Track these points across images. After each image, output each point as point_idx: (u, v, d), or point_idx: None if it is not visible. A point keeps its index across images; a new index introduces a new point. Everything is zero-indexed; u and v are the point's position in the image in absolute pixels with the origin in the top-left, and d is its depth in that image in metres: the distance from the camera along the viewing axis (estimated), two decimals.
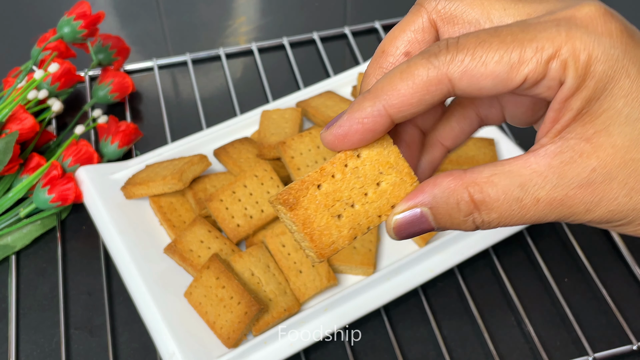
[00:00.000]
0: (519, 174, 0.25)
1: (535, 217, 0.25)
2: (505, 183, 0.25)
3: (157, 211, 0.54)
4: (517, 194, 0.25)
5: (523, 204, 0.25)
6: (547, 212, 0.25)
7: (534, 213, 0.25)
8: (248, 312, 0.46)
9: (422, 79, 0.25)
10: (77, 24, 0.61)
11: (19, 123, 0.56)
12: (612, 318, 0.51)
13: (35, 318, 0.51)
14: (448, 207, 0.26)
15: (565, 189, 0.25)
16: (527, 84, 0.24)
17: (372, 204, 0.27)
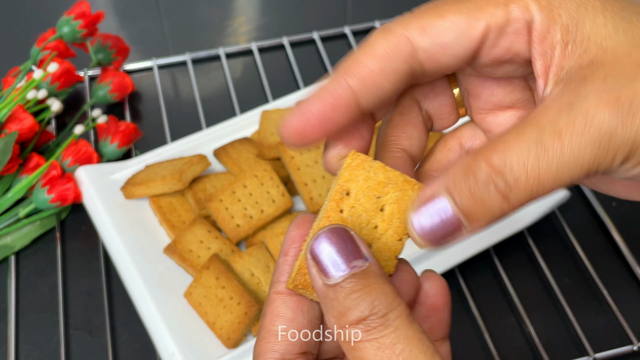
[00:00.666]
0: (530, 124, 0.22)
1: (565, 156, 0.21)
2: (518, 134, 0.22)
3: (156, 211, 0.54)
4: (534, 137, 0.21)
5: (544, 144, 0.21)
6: (577, 146, 0.21)
7: (561, 151, 0.21)
8: (248, 313, 0.46)
9: (382, 46, 0.23)
10: (77, 24, 0.61)
11: (18, 123, 0.56)
12: (612, 318, 0.51)
13: (34, 318, 0.51)
14: (466, 184, 0.22)
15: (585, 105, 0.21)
16: (492, 34, 0.23)
17: (387, 233, 0.25)
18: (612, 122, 0.21)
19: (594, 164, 0.21)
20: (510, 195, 0.22)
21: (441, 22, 0.23)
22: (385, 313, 0.22)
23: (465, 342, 0.50)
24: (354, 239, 0.23)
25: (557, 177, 0.21)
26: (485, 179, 0.22)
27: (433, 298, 0.27)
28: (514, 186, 0.21)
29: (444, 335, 0.28)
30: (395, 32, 0.23)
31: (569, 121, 0.21)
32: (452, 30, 0.23)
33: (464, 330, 0.50)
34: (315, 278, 0.23)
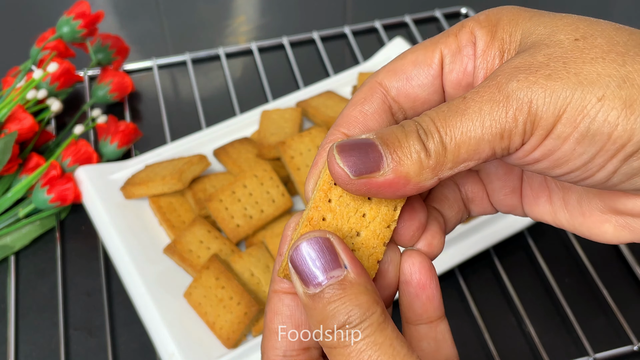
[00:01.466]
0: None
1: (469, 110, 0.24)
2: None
3: (156, 211, 0.54)
4: (448, 102, 0.25)
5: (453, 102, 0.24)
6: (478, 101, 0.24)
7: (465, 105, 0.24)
8: (248, 313, 0.46)
9: (359, 95, 0.27)
10: (76, 24, 0.61)
11: (18, 123, 0.56)
12: (612, 318, 0.51)
13: (34, 318, 0.51)
14: (392, 129, 0.24)
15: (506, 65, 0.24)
16: (447, 58, 0.27)
17: (375, 221, 0.26)
18: (509, 85, 0.24)
19: (497, 124, 0.23)
20: (428, 144, 0.24)
21: (402, 61, 0.27)
22: (358, 323, 0.23)
23: (465, 342, 0.50)
24: (333, 247, 0.24)
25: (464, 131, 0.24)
26: (410, 127, 0.24)
27: (417, 275, 0.27)
28: (430, 136, 0.24)
29: (439, 314, 0.28)
30: (368, 82, 0.28)
31: (476, 89, 0.24)
32: (411, 63, 0.27)
33: (464, 330, 0.50)
34: (297, 286, 0.24)
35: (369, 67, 0.66)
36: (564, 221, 0.30)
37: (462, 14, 0.77)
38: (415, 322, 0.28)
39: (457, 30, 0.27)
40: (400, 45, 0.67)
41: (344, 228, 0.25)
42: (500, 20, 0.26)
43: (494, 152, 0.24)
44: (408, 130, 0.24)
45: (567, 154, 0.24)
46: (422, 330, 0.28)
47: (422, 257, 0.28)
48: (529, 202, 0.31)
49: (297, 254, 0.24)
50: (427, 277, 0.27)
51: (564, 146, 0.24)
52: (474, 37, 0.27)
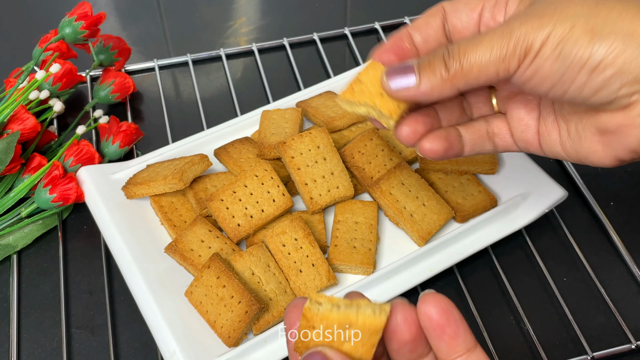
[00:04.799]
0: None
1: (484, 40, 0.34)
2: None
3: (157, 211, 0.54)
4: (472, 35, 0.37)
5: (474, 37, 0.35)
6: (490, 33, 0.34)
7: (481, 37, 0.34)
8: (248, 311, 0.47)
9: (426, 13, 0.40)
10: (79, 25, 0.61)
11: (20, 123, 0.56)
12: (610, 317, 0.51)
13: (36, 317, 0.52)
14: (429, 55, 0.36)
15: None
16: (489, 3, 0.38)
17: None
18: (514, 24, 0.33)
19: (501, 51, 0.33)
20: (449, 63, 0.35)
21: (459, 2, 0.39)
22: None
23: None
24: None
25: (477, 55, 0.34)
26: (439, 53, 0.35)
27: (435, 318, 0.29)
28: (451, 59, 0.34)
29: (468, 346, 0.29)
30: (434, 6, 0.40)
31: (493, 28, 0.34)
32: (463, 4, 0.39)
33: None
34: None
35: None
36: (570, 149, 0.38)
37: None
38: (447, 359, 0.29)
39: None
40: None
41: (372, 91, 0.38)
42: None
43: (497, 71, 0.34)
44: (437, 54, 0.35)
45: (547, 71, 0.33)
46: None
47: (436, 298, 0.29)
48: (545, 138, 0.39)
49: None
50: (444, 319, 0.29)
51: (545, 64, 0.33)
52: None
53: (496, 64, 0.33)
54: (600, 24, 0.31)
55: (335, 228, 0.53)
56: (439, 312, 0.29)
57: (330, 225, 0.54)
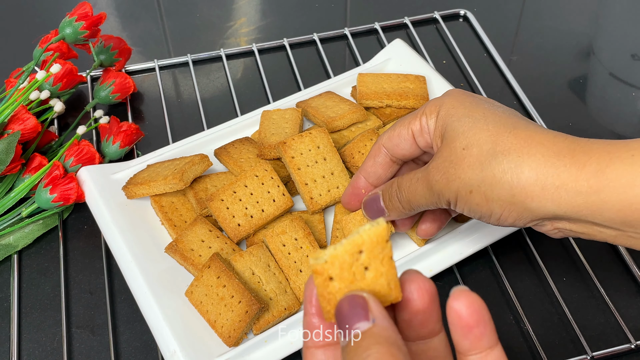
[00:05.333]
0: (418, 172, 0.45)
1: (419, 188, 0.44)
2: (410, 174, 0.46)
3: (158, 211, 0.54)
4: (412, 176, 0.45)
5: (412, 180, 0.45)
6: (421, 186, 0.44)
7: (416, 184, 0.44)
8: (249, 311, 0.47)
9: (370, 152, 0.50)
10: (79, 25, 0.61)
11: (21, 123, 0.56)
12: (610, 317, 0.51)
13: (37, 317, 0.52)
14: (388, 190, 0.47)
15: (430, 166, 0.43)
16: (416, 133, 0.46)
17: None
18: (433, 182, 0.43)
19: (431, 200, 0.44)
20: (400, 203, 0.46)
21: (393, 133, 0.47)
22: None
23: None
24: (365, 303, 0.27)
25: (416, 198, 0.45)
26: (393, 189, 0.47)
27: (465, 318, 0.29)
28: (401, 198, 0.46)
29: (490, 344, 0.29)
30: (376, 143, 0.49)
31: (424, 172, 0.44)
32: (397, 136, 0.47)
33: None
34: (339, 337, 0.28)
35: (369, 68, 0.66)
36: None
37: (460, 16, 0.77)
38: (466, 354, 0.29)
39: (420, 115, 0.45)
40: (399, 46, 0.67)
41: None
42: (439, 117, 0.44)
43: (435, 206, 0.44)
44: (392, 192, 0.47)
45: (468, 212, 0.42)
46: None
47: (470, 298, 0.29)
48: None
49: (339, 309, 0.28)
50: (474, 319, 0.29)
51: (464, 209, 0.42)
52: (427, 121, 0.45)
53: (431, 205, 0.44)
54: (489, 190, 0.40)
55: (335, 228, 0.53)
56: (470, 313, 0.28)
57: (330, 225, 0.54)
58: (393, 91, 0.61)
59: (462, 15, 0.77)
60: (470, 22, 0.76)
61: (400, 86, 0.62)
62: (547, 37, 0.76)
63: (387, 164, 0.48)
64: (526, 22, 0.79)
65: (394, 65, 0.66)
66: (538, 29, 0.77)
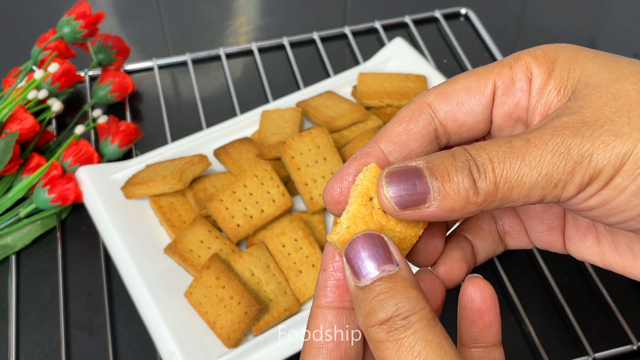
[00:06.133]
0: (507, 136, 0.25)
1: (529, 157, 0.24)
2: (494, 140, 0.25)
3: (157, 211, 0.54)
4: (507, 139, 0.25)
5: (513, 144, 0.24)
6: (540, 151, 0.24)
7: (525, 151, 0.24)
8: (248, 312, 0.46)
9: (405, 112, 0.27)
10: (77, 24, 0.61)
11: (19, 123, 0.56)
12: (612, 318, 0.51)
13: (35, 318, 0.52)
14: (444, 162, 0.24)
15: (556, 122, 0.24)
16: (500, 90, 0.27)
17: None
18: (574, 140, 0.24)
19: (555, 175, 0.24)
20: (479, 182, 0.24)
21: (454, 86, 0.27)
22: (407, 315, 0.23)
23: None
24: (386, 245, 0.24)
25: (519, 175, 0.24)
26: (462, 161, 0.24)
27: (478, 302, 0.28)
28: (483, 175, 0.24)
29: (495, 341, 0.28)
30: (415, 101, 0.27)
31: (539, 133, 0.24)
32: (464, 89, 0.27)
33: None
34: (349, 280, 0.25)
35: (369, 67, 0.66)
36: (614, 263, 0.30)
37: (461, 14, 0.77)
38: (470, 345, 0.28)
39: (512, 62, 0.27)
40: (400, 45, 0.67)
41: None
42: (558, 57, 0.27)
43: (543, 198, 0.24)
44: (460, 164, 0.24)
45: (622, 204, 0.24)
46: (476, 355, 0.28)
47: (485, 284, 0.28)
48: (575, 242, 0.31)
49: (351, 248, 0.24)
50: (487, 305, 0.28)
51: (620, 197, 0.24)
52: (530, 72, 0.27)
53: (544, 188, 0.24)
54: None
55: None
56: (483, 298, 0.28)
57: (330, 226, 0.54)
58: (394, 91, 0.61)
59: (464, 14, 0.77)
60: (471, 21, 0.76)
61: (401, 86, 0.62)
62: (549, 36, 0.75)
63: (427, 136, 0.27)
64: (528, 21, 0.78)
65: (394, 65, 0.66)
66: (540, 28, 0.77)
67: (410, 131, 0.27)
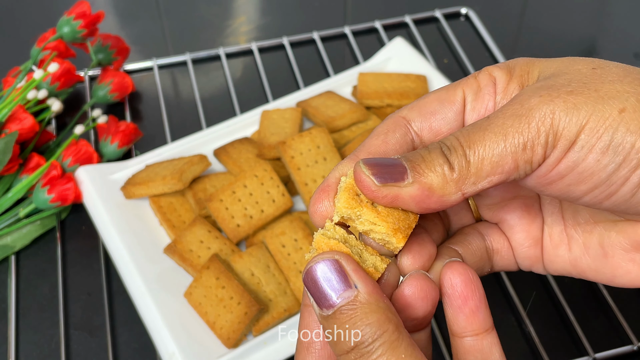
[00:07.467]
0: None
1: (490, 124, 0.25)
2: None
3: (157, 211, 0.54)
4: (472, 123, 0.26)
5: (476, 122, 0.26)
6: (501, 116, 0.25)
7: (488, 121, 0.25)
8: (248, 313, 0.46)
9: (382, 127, 0.28)
10: (77, 24, 0.61)
11: (18, 123, 0.56)
12: (612, 318, 0.51)
13: (34, 318, 0.51)
14: (417, 151, 0.26)
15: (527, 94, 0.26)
16: (470, 97, 0.28)
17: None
18: (532, 100, 0.25)
19: (519, 136, 0.25)
20: (451, 158, 0.25)
21: (426, 99, 0.29)
22: (370, 342, 0.24)
23: None
24: (342, 269, 0.25)
25: (486, 144, 0.25)
26: (434, 146, 0.26)
27: (459, 287, 0.27)
28: (454, 151, 0.25)
29: (486, 326, 0.28)
30: (390, 117, 0.29)
31: (500, 109, 0.26)
32: (436, 100, 0.28)
33: None
34: (315, 307, 0.25)
35: (369, 67, 0.66)
36: (585, 266, 0.30)
37: (462, 14, 0.77)
38: (461, 334, 0.28)
39: (477, 74, 0.29)
40: (400, 45, 0.67)
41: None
42: (517, 63, 0.28)
43: (516, 164, 0.25)
44: (431, 148, 0.26)
45: (591, 166, 0.24)
46: (468, 344, 0.28)
47: (463, 267, 0.27)
48: (549, 254, 0.31)
49: (307, 277, 0.25)
50: (469, 289, 0.27)
51: (588, 157, 0.24)
52: (494, 77, 0.28)
53: (515, 154, 0.24)
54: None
55: None
56: (464, 282, 0.27)
57: None
58: (394, 90, 0.61)
59: (464, 14, 0.77)
60: (471, 20, 0.76)
61: (401, 85, 0.62)
62: (549, 36, 0.75)
63: (405, 146, 0.28)
64: (528, 21, 0.78)
65: (394, 64, 0.66)
66: (540, 28, 0.77)
67: (388, 142, 0.28)
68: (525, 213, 0.31)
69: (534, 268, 0.32)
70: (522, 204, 0.31)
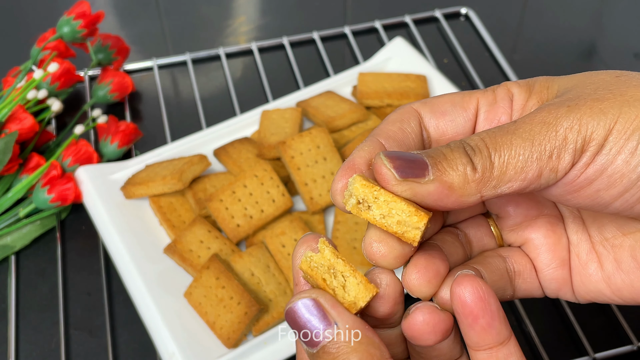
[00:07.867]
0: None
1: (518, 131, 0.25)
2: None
3: (156, 211, 0.54)
4: (496, 126, 0.26)
5: (502, 127, 0.25)
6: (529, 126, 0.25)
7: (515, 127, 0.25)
8: (248, 312, 0.46)
9: (394, 115, 0.28)
10: (77, 24, 0.61)
11: (18, 123, 0.56)
12: (612, 318, 0.51)
13: (34, 318, 0.51)
14: (437, 147, 0.26)
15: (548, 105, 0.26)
16: (483, 107, 0.28)
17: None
18: (560, 110, 0.25)
19: (547, 143, 0.24)
20: (474, 159, 0.25)
21: (440, 99, 0.29)
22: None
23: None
24: (321, 307, 0.25)
25: (512, 148, 0.25)
26: (456, 144, 0.25)
27: (469, 306, 0.26)
28: (478, 152, 0.25)
29: (500, 340, 0.26)
30: (403, 107, 0.28)
31: (526, 116, 0.26)
32: (449, 102, 0.28)
33: None
34: (302, 342, 0.25)
35: (369, 67, 0.66)
36: (620, 282, 0.29)
37: (462, 14, 0.77)
38: (474, 348, 0.27)
39: (494, 88, 0.29)
40: (400, 45, 0.67)
41: None
42: (536, 81, 0.28)
43: (540, 172, 0.24)
44: (454, 146, 0.25)
45: (620, 168, 0.24)
46: (481, 357, 0.27)
47: (473, 281, 0.26)
48: (579, 274, 0.30)
49: (288, 317, 0.25)
50: (479, 307, 0.25)
51: (617, 159, 0.24)
52: (511, 93, 0.28)
53: (540, 161, 0.24)
54: None
55: (335, 228, 0.53)
56: (474, 300, 0.25)
57: (330, 226, 0.54)
58: (394, 90, 0.61)
59: (464, 14, 0.77)
60: (471, 20, 0.76)
61: (401, 85, 0.62)
62: (549, 36, 0.75)
63: (419, 137, 0.28)
64: (528, 20, 0.78)
65: (394, 64, 0.66)
66: (540, 28, 0.77)
67: (405, 130, 0.28)
68: (551, 232, 0.30)
69: (561, 292, 0.30)
70: (546, 222, 0.30)
